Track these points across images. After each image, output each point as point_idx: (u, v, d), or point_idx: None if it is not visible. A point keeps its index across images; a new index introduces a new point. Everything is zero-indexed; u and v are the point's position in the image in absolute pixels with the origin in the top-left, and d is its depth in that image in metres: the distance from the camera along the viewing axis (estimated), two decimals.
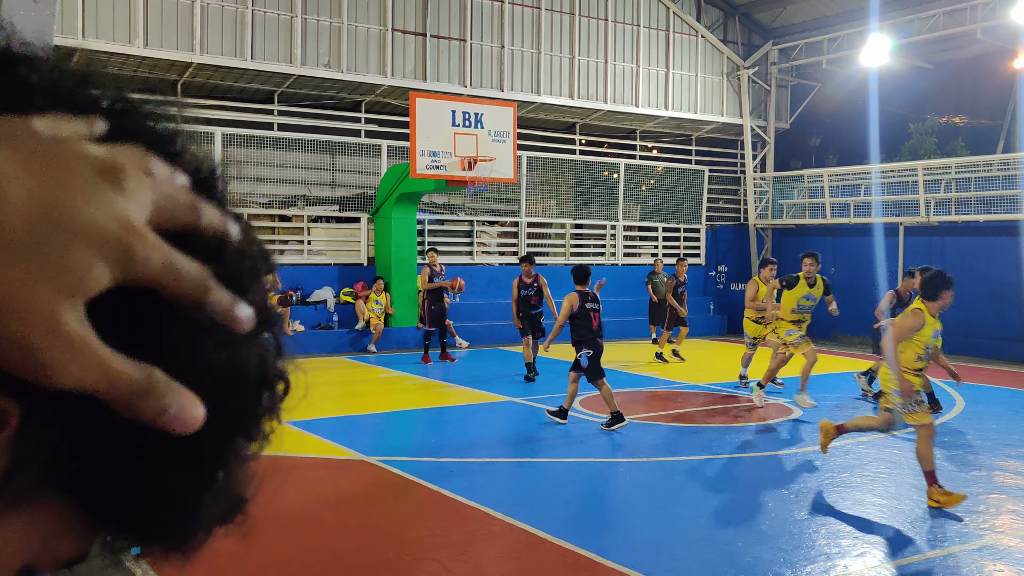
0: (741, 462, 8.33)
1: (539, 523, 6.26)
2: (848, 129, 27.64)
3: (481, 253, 19.09)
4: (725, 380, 13.63)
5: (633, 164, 21.48)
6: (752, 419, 10.49)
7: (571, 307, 9.67)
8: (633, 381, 13.44)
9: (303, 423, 9.79)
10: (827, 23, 21.33)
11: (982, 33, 17.98)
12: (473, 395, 11.91)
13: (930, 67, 21.37)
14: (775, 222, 21.81)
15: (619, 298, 20.54)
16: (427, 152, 15.07)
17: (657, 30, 21.17)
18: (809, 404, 10.67)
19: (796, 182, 22.16)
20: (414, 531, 6.18)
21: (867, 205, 19.83)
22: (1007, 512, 6.93)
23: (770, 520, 6.49)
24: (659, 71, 21.20)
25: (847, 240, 20.42)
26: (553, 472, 8.03)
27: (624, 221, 21.00)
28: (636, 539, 6.03)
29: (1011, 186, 17.48)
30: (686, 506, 6.90)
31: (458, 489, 7.12)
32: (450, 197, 19.56)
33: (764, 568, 5.48)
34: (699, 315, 21.58)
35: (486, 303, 18.53)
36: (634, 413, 10.73)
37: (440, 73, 18.43)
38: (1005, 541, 6.16)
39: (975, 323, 16.69)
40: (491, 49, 19.03)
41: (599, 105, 20.28)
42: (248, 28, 16.32)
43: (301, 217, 17.19)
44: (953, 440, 9.38)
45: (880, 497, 7.16)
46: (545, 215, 20.25)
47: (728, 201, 23.48)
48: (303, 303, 16.51)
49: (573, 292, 9.83)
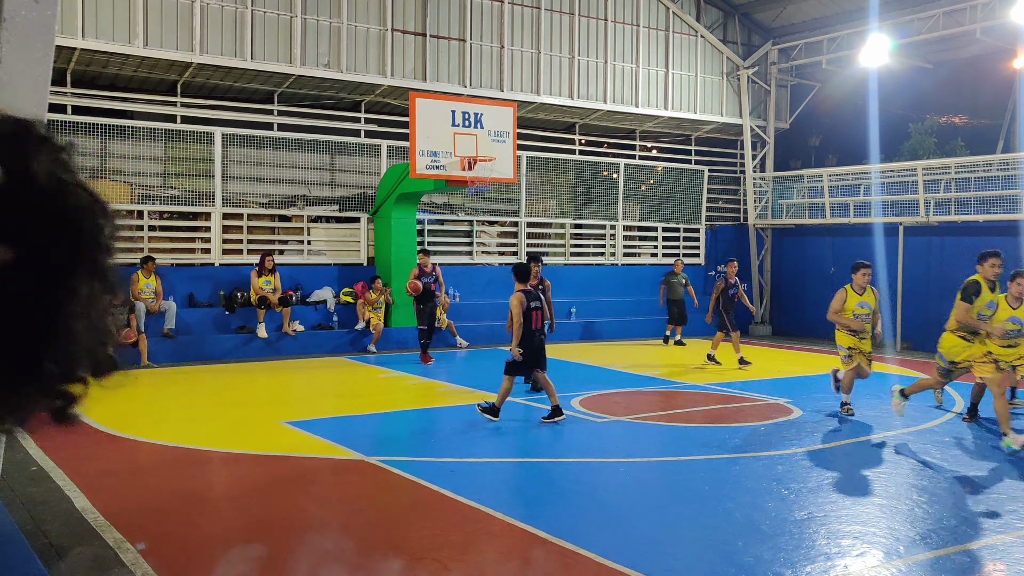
0: (741, 462, 8.33)
1: (539, 523, 6.26)
2: (848, 129, 27.65)
3: (481, 253, 19.09)
4: (725, 380, 13.64)
5: (633, 164, 21.49)
6: (752, 419, 10.49)
7: (521, 306, 9.64)
8: (634, 381, 13.45)
9: (303, 423, 9.79)
10: (827, 23, 21.33)
11: (982, 33, 17.98)
12: (473, 395, 11.90)
13: (930, 67, 21.36)
14: (775, 222, 21.81)
15: (619, 298, 20.58)
16: (427, 152, 15.07)
17: (657, 30, 21.18)
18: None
19: (796, 182, 22.16)
20: (414, 531, 6.18)
21: (867, 205, 19.83)
22: (1009, 513, 6.93)
23: (770, 520, 6.49)
24: (659, 71, 21.21)
25: (847, 240, 20.42)
26: (553, 472, 8.03)
27: (624, 221, 21.01)
28: (636, 539, 6.03)
29: (1011, 186, 17.49)
30: (686, 506, 6.91)
31: (458, 489, 7.12)
32: (450, 197, 19.57)
33: (764, 568, 5.48)
34: (699, 315, 21.58)
35: (487, 303, 18.54)
36: (635, 413, 10.74)
37: (440, 73, 18.43)
38: (1005, 539, 6.16)
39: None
40: (491, 49, 19.03)
41: (599, 105, 20.29)
42: (248, 28, 16.32)
43: (301, 217, 17.19)
44: (951, 439, 9.37)
45: (880, 497, 7.16)
46: (545, 215, 20.26)
47: (728, 201, 23.49)
48: (303, 303, 16.51)
49: (519, 292, 9.79)
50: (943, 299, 18.02)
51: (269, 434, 9.39)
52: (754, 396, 11.99)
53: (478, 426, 9.92)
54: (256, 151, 17.27)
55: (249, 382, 13.12)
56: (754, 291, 22.05)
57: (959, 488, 7.52)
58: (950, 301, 9.80)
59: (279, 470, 7.98)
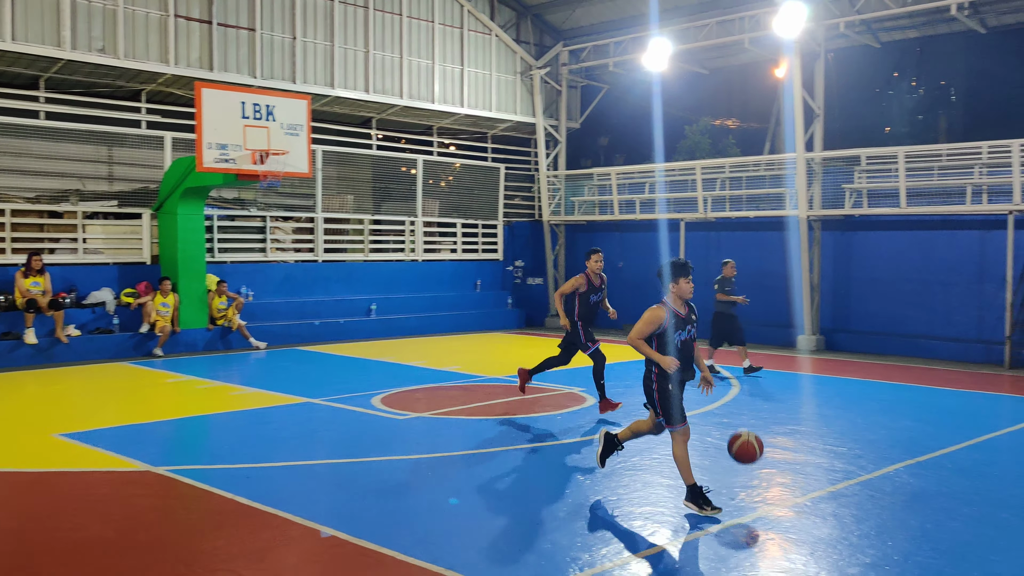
0: (540, 451, 8.55)
1: (340, 524, 6.14)
2: (634, 130, 29.10)
3: (276, 250, 18.48)
4: None
5: (431, 160, 21.54)
6: (549, 409, 10.80)
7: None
8: (435, 377, 13.49)
9: (81, 435, 9.08)
10: (613, 27, 22.30)
11: (750, 43, 19.43)
12: (270, 397, 11.51)
13: (706, 73, 22.84)
14: (567, 218, 22.59)
15: (420, 294, 20.59)
16: (215, 145, 14.40)
17: (452, 27, 21.33)
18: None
19: (587, 180, 23.05)
20: (208, 542, 5.88)
21: (652, 202, 20.94)
22: (776, 485, 7.53)
23: (567, 506, 6.70)
24: (454, 68, 21.37)
25: (634, 235, 21.49)
26: (353, 472, 7.90)
27: (423, 217, 21.02)
28: (438, 534, 6.04)
29: (777, 185, 19.05)
30: (488, 497, 7.00)
31: (255, 495, 6.85)
32: (241, 192, 18.83)
33: (563, 553, 5.65)
34: (497, 309, 22.00)
35: (282, 301, 18.00)
36: (436, 408, 10.77)
37: (228, 63, 17.66)
38: (776, 512, 6.70)
39: (748, 311, 18.05)
40: (282, 40, 18.45)
41: (395, 100, 20.18)
42: (7, 5, 14.92)
43: (75, 213, 15.89)
44: (729, 420, 10.08)
45: (667, 478, 7.57)
46: (343, 211, 19.90)
47: (524, 198, 24.07)
48: (79, 306, 15.31)
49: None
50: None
51: (42, 448, 8.63)
52: (550, 386, 12.34)
53: (275, 430, 9.60)
54: (20, 141, 15.81)
55: (15, 392, 11.98)
56: (550, 285, 22.74)
57: (736, 465, 8.08)
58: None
59: (54, 487, 7.35)
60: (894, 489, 7.27)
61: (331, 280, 19.09)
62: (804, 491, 7.25)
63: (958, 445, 8.97)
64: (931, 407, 11.51)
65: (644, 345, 6.68)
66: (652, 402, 6.83)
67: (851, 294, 17.71)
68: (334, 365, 14.98)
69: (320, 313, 18.41)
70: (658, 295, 6.96)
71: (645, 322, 6.68)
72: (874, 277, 17.36)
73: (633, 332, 6.69)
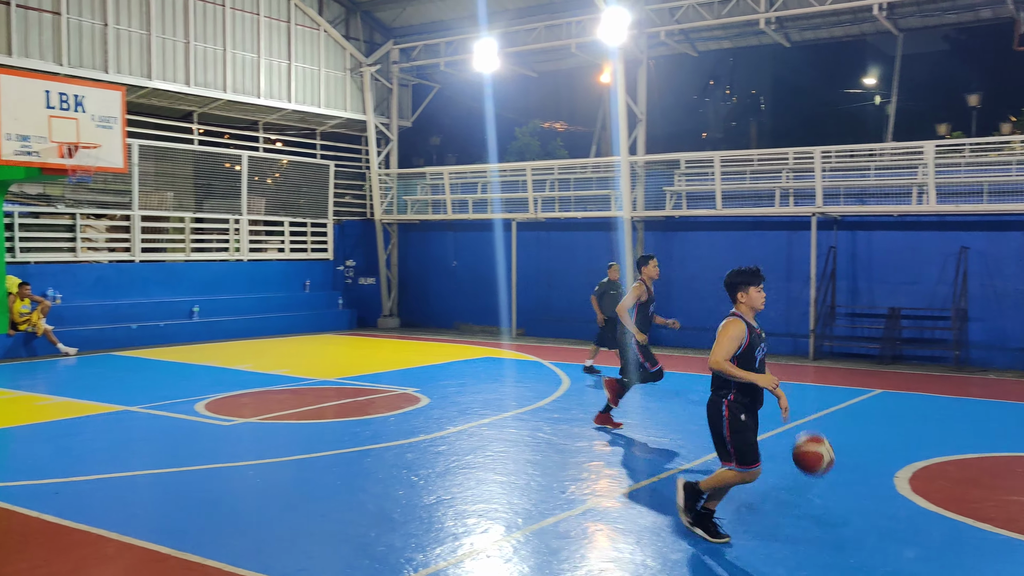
0: (372, 453, 8.44)
1: (161, 538, 5.82)
2: (466, 130, 29.29)
3: (87, 249, 17.33)
4: (355, 374, 13.76)
5: (257, 156, 20.84)
6: (382, 411, 10.69)
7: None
8: (263, 381, 13.06)
9: None
10: (444, 27, 22.34)
11: (576, 48, 19.98)
12: (81, 407, 10.77)
13: (535, 75, 23.29)
14: (400, 217, 22.44)
15: (246, 295, 19.90)
16: (15, 136, 13.33)
17: (278, 20, 20.71)
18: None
19: (419, 179, 22.99)
20: (10, 565, 5.42)
21: (484, 202, 21.15)
22: (605, 477, 7.78)
23: (401, 508, 6.65)
24: (281, 63, 20.77)
25: (467, 235, 21.62)
26: (176, 482, 7.51)
27: (249, 215, 20.30)
28: (269, 542, 5.85)
29: (604, 186, 19.69)
30: (319, 502, 6.84)
31: (64, 512, 6.39)
32: (47, 187, 17.50)
33: (397, 555, 5.60)
34: (328, 310, 21.59)
35: (95, 304, 16.90)
36: (264, 413, 10.42)
37: (30, 48, 16.39)
38: (604, 503, 6.92)
39: (575, 308, 18.57)
40: (92, 26, 17.31)
41: (218, 94, 19.38)
42: None
43: None
44: (559, 416, 10.32)
45: (500, 475, 7.66)
46: (161, 208, 18.90)
47: (355, 196, 23.71)
48: None
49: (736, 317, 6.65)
50: (551, 288, 19.83)
51: None
52: (383, 387, 12.22)
53: (87, 441, 8.99)
54: None
55: None
56: (382, 285, 22.52)
57: (567, 459, 8.29)
58: (558, 291, 10.78)
59: None
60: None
61: (150, 281, 18.10)
62: (630, 482, 7.52)
63: (769, 433, 9.57)
64: None
65: (733, 367, 5.73)
66: (720, 440, 5.92)
67: (672, 294, 18.55)
68: (154, 370, 14.22)
69: (137, 316, 17.43)
70: (489, 292, 7.02)
71: (729, 338, 5.77)
72: (693, 275, 18.25)
73: (717, 352, 5.75)
